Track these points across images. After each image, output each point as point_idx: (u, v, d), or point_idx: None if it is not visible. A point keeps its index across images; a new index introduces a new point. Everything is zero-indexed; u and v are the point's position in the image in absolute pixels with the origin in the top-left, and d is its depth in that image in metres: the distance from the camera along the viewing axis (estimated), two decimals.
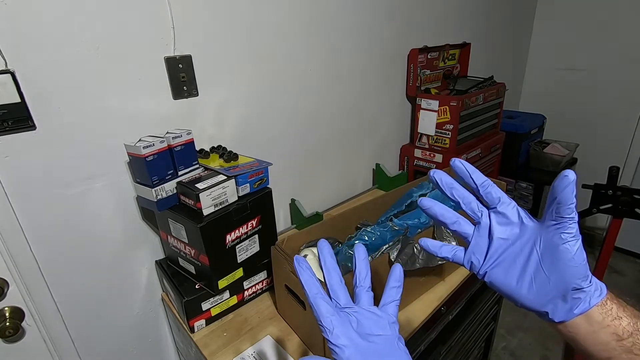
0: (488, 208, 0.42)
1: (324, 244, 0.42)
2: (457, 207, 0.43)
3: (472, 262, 0.42)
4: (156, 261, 1.00)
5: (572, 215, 0.35)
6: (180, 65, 0.89)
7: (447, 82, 1.68)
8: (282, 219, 1.30)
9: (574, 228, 0.36)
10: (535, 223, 0.40)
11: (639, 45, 2.11)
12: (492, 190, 0.41)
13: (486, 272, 0.41)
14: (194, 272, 0.89)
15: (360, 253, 0.43)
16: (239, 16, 0.97)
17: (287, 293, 0.83)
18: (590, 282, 0.36)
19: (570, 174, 0.35)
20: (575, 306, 0.36)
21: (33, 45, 0.69)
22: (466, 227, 0.43)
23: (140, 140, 0.80)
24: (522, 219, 0.40)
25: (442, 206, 0.44)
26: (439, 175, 0.42)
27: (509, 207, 0.40)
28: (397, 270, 0.43)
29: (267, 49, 1.06)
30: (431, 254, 0.45)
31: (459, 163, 0.42)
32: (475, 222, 0.43)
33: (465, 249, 0.43)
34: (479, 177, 0.41)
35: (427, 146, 1.56)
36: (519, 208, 0.41)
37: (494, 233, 0.41)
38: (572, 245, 0.35)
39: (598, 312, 0.35)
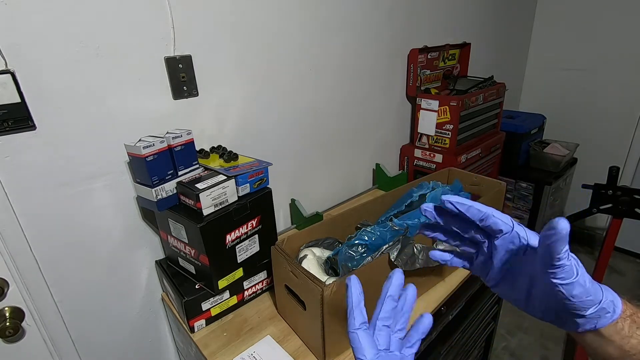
0: (490, 235, 0.41)
1: (353, 283, 0.42)
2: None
3: (479, 275, 0.44)
4: (156, 261, 1.00)
5: (561, 263, 0.32)
6: (180, 65, 0.89)
7: (447, 82, 1.68)
8: (282, 219, 1.30)
9: (564, 273, 0.32)
10: (535, 254, 0.37)
11: (639, 45, 2.11)
12: (491, 222, 0.38)
13: (491, 286, 0.43)
14: (194, 272, 0.89)
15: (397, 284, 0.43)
16: (239, 16, 0.97)
17: (287, 293, 0.83)
18: (596, 308, 0.34)
19: (561, 226, 0.30)
20: (582, 325, 0.36)
21: (33, 45, 0.69)
22: (469, 249, 0.44)
23: (140, 140, 0.80)
24: (525, 249, 0.38)
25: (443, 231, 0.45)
26: (430, 214, 0.42)
27: (510, 236, 0.38)
28: (427, 322, 0.44)
29: (268, 49, 1.06)
30: (443, 264, 0.47)
31: (449, 205, 0.39)
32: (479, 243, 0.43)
33: (471, 265, 0.45)
34: (474, 214, 0.38)
35: (427, 146, 1.56)
36: (521, 234, 0.38)
37: (495, 261, 0.40)
38: (568, 290, 0.33)
39: (607, 329, 0.35)
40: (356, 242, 0.86)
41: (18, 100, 0.69)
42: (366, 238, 0.86)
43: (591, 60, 2.29)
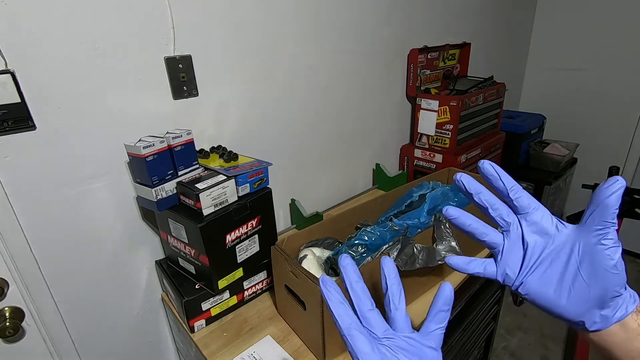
0: (517, 214, 0.40)
1: (347, 262, 0.37)
2: (484, 212, 0.41)
3: (506, 274, 0.40)
4: (156, 261, 1.00)
5: (615, 221, 0.34)
6: (180, 65, 0.89)
7: (447, 82, 1.68)
8: (282, 219, 1.30)
9: (615, 235, 0.34)
10: (570, 228, 0.38)
11: (639, 45, 2.11)
12: (523, 195, 0.38)
13: (522, 282, 0.39)
14: (194, 272, 0.89)
15: (389, 270, 0.38)
16: (239, 16, 0.97)
17: (287, 293, 0.83)
18: (625, 288, 0.36)
19: (621, 180, 0.33)
20: (612, 313, 0.35)
21: (33, 45, 0.69)
22: (496, 238, 0.40)
23: (140, 140, 0.80)
24: (557, 224, 0.38)
25: (469, 216, 0.41)
26: (466, 179, 0.40)
27: (541, 212, 0.38)
28: (448, 291, 0.37)
29: (268, 49, 1.06)
30: (461, 272, 0.42)
31: (488, 165, 0.39)
32: (503, 230, 0.40)
33: (496, 261, 0.41)
34: (509, 181, 0.38)
35: (427, 146, 1.56)
36: (550, 213, 0.39)
37: (528, 241, 0.39)
38: (614, 253, 0.34)
39: (633, 320, 0.35)
40: (356, 242, 0.86)
41: (18, 100, 0.69)
42: (366, 238, 0.86)
43: (591, 60, 2.29)
